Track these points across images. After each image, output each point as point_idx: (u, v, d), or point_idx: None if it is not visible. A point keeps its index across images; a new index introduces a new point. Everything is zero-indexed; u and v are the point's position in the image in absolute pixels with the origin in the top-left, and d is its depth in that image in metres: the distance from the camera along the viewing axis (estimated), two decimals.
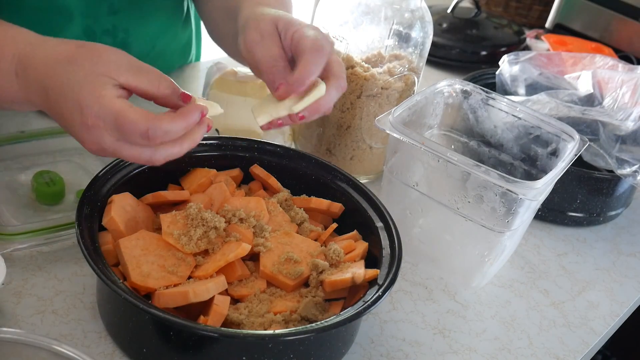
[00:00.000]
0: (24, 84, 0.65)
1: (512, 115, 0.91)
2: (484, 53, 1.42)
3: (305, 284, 0.72)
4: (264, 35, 0.73)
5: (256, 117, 0.70)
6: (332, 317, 0.63)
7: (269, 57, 0.72)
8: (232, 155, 0.82)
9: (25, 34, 0.67)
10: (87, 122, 0.61)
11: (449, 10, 1.46)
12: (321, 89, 0.70)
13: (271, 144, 0.83)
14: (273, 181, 0.81)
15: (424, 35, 0.92)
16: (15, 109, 0.70)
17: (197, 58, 1.24)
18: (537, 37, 1.55)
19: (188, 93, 0.64)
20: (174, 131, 0.61)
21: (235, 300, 0.69)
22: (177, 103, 0.64)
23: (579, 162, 0.94)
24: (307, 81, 0.69)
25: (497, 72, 1.11)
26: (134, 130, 0.60)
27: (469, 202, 0.79)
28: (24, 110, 0.68)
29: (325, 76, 0.72)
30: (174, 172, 0.80)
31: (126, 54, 0.64)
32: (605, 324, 0.85)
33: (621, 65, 1.11)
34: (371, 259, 0.73)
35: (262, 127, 0.71)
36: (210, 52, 1.23)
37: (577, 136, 0.86)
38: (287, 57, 0.72)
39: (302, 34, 0.70)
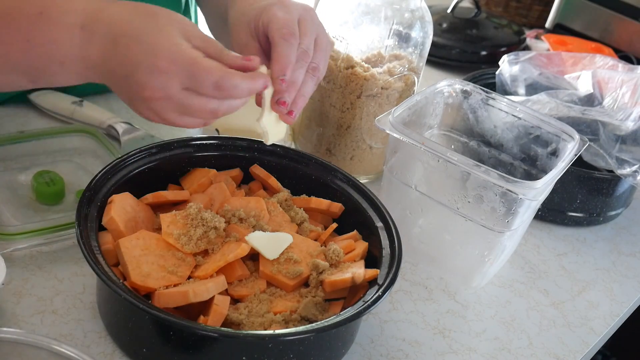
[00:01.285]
0: (87, 37, 0.64)
1: (512, 115, 0.91)
2: (484, 53, 1.42)
3: (305, 284, 0.72)
4: (241, 44, 0.75)
5: (266, 141, 0.74)
6: (332, 317, 0.63)
7: (237, 44, 0.74)
8: (232, 155, 0.82)
9: None
10: (159, 65, 0.61)
11: (449, 10, 1.46)
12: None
13: (271, 144, 0.83)
14: (273, 181, 0.81)
15: (424, 35, 0.92)
16: (57, 76, 0.68)
17: None
18: (537, 37, 1.55)
19: (249, 57, 0.66)
20: (241, 88, 0.63)
21: (235, 300, 0.69)
22: (244, 66, 0.65)
23: (579, 162, 0.94)
24: (287, 73, 0.68)
25: (497, 72, 1.11)
26: (208, 77, 0.61)
27: (468, 202, 0.79)
28: (62, 80, 0.67)
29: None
30: (174, 172, 0.80)
31: (195, 25, 0.66)
32: (605, 323, 0.85)
33: (621, 65, 1.11)
34: (371, 259, 0.73)
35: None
36: None
37: (577, 136, 0.86)
38: (257, 39, 0.73)
39: (271, 16, 0.71)
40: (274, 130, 0.73)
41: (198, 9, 1.13)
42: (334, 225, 0.79)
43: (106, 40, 0.64)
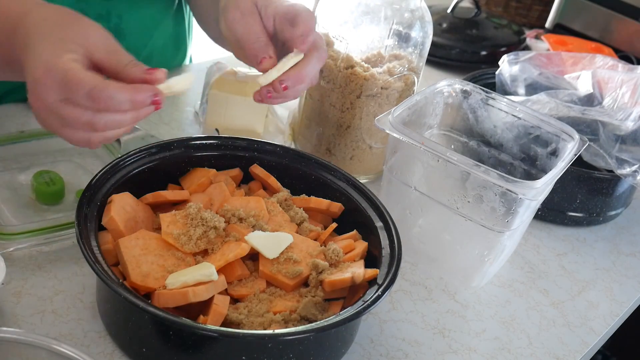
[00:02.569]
0: (14, 40, 0.66)
1: (512, 115, 0.91)
2: (484, 53, 1.42)
3: (305, 283, 0.72)
4: (245, 13, 0.76)
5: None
6: (331, 317, 0.63)
7: (251, 34, 0.75)
8: (232, 155, 0.82)
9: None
10: (36, 75, 0.61)
11: (449, 10, 1.46)
12: (299, 56, 0.74)
13: (271, 143, 0.83)
14: (273, 181, 0.81)
15: (424, 35, 0.92)
16: (6, 75, 0.71)
17: (190, 59, 1.23)
18: (537, 37, 1.55)
19: (153, 70, 0.64)
20: (117, 99, 0.61)
21: (234, 300, 0.69)
22: (145, 80, 0.64)
23: (578, 162, 0.94)
24: (310, 37, 0.73)
25: (497, 72, 1.11)
26: (80, 88, 0.60)
27: (468, 201, 0.79)
28: (10, 79, 0.72)
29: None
30: (173, 172, 0.80)
31: (110, 35, 0.66)
32: (605, 323, 0.85)
33: (621, 65, 1.11)
34: (371, 259, 0.73)
35: (254, 98, 0.75)
36: (207, 52, 1.23)
37: (577, 136, 0.86)
38: (268, 33, 0.76)
39: (286, 6, 0.75)
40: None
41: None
42: (334, 225, 0.79)
43: (22, 44, 0.65)
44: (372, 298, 0.65)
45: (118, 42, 0.66)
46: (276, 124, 1.02)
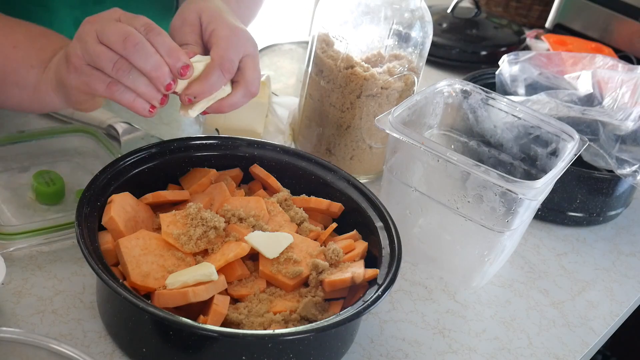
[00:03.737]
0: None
1: (512, 115, 0.91)
2: (484, 53, 1.42)
3: (305, 283, 0.72)
4: (185, 23, 0.77)
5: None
6: (331, 317, 0.63)
7: (183, 43, 0.75)
8: (232, 155, 0.82)
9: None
10: (90, 19, 0.68)
11: (449, 10, 1.46)
12: (226, 89, 0.74)
13: (271, 143, 0.83)
14: (273, 181, 0.81)
15: (424, 35, 0.92)
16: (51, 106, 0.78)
17: None
18: (537, 37, 1.55)
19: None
20: (164, 35, 0.68)
21: (234, 300, 0.69)
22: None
23: (578, 162, 0.94)
24: (206, 93, 0.72)
25: (497, 72, 1.11)
26: (139, 18, 0.68)
27: (468, 201, 0.79)
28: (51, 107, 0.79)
29: (237, 79, 0.74)
30: (173, 172, 0.80)
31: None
32: (605, 323, 0.85)
33: (621, 65, 1.11)
34: (371, 259, 0.73)
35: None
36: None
37: (577, 136, 0.86)
38: (202, 47, 0.76)
39: (216, 34, 0.74)
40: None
41: None
42: (334, 225, 0.79)
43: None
44: (372, 298, 0.65)
45: None
46: (276, 124, 1.02)
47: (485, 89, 0.93)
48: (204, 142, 0.81)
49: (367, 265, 0.72)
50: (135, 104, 0.68)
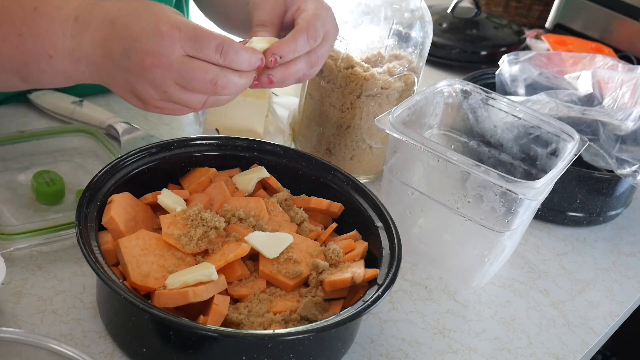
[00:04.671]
0: (80, 28, 0.66)
1: (512, 115, 0.91)
2: (484, 53, 1.42)
3: (305, 283, 0.72)
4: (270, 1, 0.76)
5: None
6: (331, 317, 0.63)
7: (267, 10, 0.75)
8: (232, 155, 0.82)
9: None
10: (162, 29, 0.62)
11: (449, 10, 1.46)
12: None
13: (271, 143, 0.83)
14: (273, 181, 0.81)
15: (424, 35, 0.92)
16: (44, 74, 0.70)
17: None
18: (537, 37, 1.55)
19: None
20: (241, 55, 0.64)
21: (235, 300, 0.69)
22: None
23: (578, 162, 0.94)
24: (289, 55, 0.70)
25: (497, 72, 1.11)
26: (211, 40, 0.62)
27: (468, 201, 0.79)
28: (49, 79, 0.71)
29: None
30: (173, 172, 0.80)
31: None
32: (605, 323, 0.85)
33: (621, 65, 1.11)
34: (371, 259, 0.73)
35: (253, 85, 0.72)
36: None
37: (577, 136, 0.86)
38: (283, 21, 0.75)
39: (304, 7, 0.73)
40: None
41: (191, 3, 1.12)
42: (334, 225, 0.79)
43: (103, 25, 0.65)
44: (372, 298, 0.65)
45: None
46: (276, 124, 1.02)
47: (485, 89, 0.93)
48: (204, 142, 0.81)
49: (367, 265, 0.72)
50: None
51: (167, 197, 0.73)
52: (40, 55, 0.67)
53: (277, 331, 0.62)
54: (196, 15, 1.14)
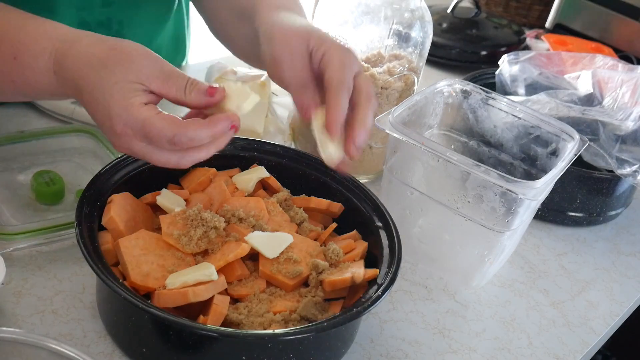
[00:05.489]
0: (61, 82, 0.67)
1: (512, 115, 0.91)
2: (484, 53, 1.42)
3: (305, 283, 0.72)
4: (294, 54, 0.71)
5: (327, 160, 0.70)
6: (331, 317, 0.63)
7: (298, 80, 0.71)
8: (232, 155, 0.82)
9: (59, 29, 0.68)
10: (115, 130, 0.62)
11: (449, 10, 1.46)
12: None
13: (271, 143, 0.83)
14: (273, 181, 0.81)
15: (424, 35, 0.92)
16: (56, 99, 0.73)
17: (186, 60, 1.23)
18: (537, 37, 1.55)
19: (215, 86, 0.65)
20: (199, 138, 0.62)
21: (234, 300, 0.69)
22: (208, 103, 0.65)
23: (579, 162, 0.94)
24: (340, 123, 0.68)
25: (497, 72, 1.11)
26: (161, 137, 0.61)
27: (468, 201, 0.79)
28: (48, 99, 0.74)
29: (357, 99, 0.69)
30: (174, 172, 0.80)
31: (157, 58, 0.65)
32: (605, 323, 0.85)
33: (621, 65, 1.11)
34: (371, 259, 0.73)
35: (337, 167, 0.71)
36: (207, 52, 1.23)
37: (577, 136, 0.86)
38: (314, 76, 0.71)
39: (329, 59, 0.69)
40: (331, 150, 0.70)
41: (191, 6, 1.12)
42: (334, 225, 0.79)
43: (75, 88, 0.66)
44: (372, 298, 0.65)
45: (166, 62, 0.65)
46: (276, 124, 1.02)
47: (485, 89, 0.93)
48: None
49: (367, 265, 0.72)
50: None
51: (166, 198, 0.73)
52: (39, 94, 0.73)
53: (277, 331, 0.62)
54: (196, 18, 1.14)
